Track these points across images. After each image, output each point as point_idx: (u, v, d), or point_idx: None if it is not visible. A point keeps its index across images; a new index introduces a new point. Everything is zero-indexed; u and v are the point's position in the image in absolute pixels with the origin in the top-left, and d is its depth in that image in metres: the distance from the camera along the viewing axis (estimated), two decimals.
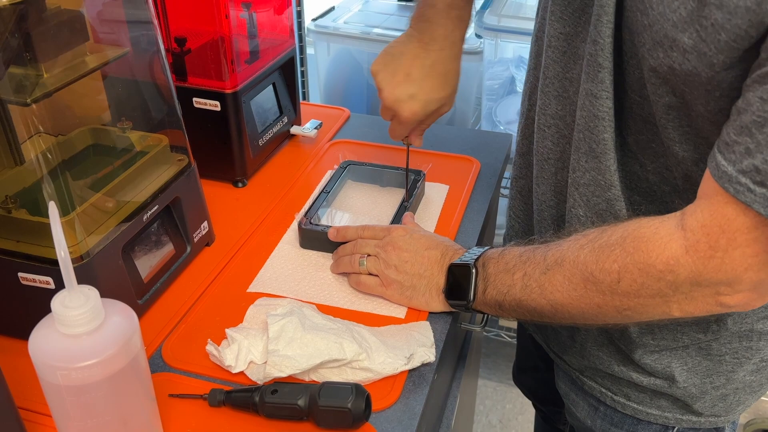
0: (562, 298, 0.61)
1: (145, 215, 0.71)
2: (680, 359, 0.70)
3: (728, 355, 0.69)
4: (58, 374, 0.48)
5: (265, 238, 0.85)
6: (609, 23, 0.58)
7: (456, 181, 0.97)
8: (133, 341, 0.52)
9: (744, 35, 0.47)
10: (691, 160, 0.59)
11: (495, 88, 1.58)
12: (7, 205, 0.64)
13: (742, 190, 0.49)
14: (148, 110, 0.78)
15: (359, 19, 1.66)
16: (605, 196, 0.65)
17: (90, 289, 0.50)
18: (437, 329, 0.71)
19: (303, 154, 1.05)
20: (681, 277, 0.54)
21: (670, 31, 0.51)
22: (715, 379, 0.71)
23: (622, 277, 0.57)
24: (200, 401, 0.62)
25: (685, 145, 0.58)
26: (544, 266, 0.62)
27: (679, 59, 0.52)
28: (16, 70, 0.60)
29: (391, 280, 0.72)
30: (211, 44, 0.88)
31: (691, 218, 0.53)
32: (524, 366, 1.11)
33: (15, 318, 0.66)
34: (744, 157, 0.48)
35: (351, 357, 0.63)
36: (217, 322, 0.71)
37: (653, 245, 0.55)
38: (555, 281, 0.61)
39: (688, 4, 0.50)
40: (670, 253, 0.54)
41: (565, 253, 0.61)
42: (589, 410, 0.80)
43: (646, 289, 0.56)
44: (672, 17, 0.51)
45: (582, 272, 0.59)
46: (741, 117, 0.48)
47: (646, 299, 0.57)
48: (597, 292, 0.59)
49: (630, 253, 0.56)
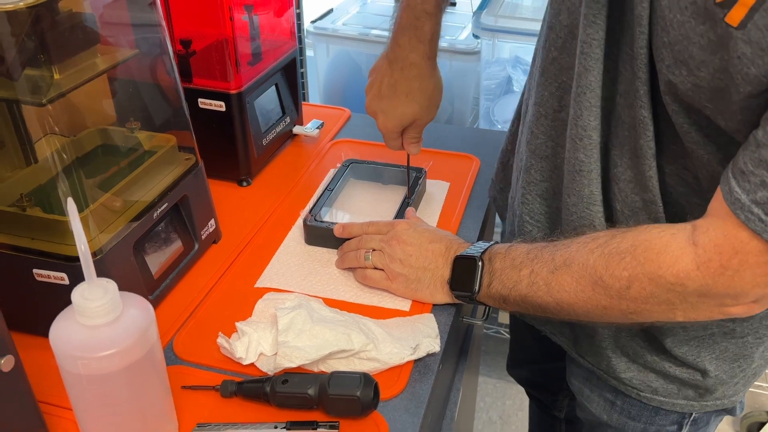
0: (569, 297, 0.63)
1: (155, 213, 0.73)
2: (708, 348, 0.71)
3: (750, 336, 0.71)
4: (79, 363, 0.50)
5: (271, 235, 0.87)
6: (643, 35, 0.57)
7: (456, 179, 0.99)
8: (149, 332, 0.53)
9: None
10: (716, 160, 0.59)
11: (492, 88, 1.60)
12: (21, 203, 0.66)
13: (753, 219, 0.50)
14: (156, 111, 0.80)
15: (357, 20, 1.68)
16: (642, 196, 0.66)
17: (108, 281, 0.51)
18: (441, 321, 0.72)
19: (306, 154, 1.06)
20: (690, 289, 0.56)
21: (697, 53, 0.51)
22: (742, 363, 0.72)
23: (632, 285, 0.58)
24: (212, 392, 0.64)
25: (709, 148, 0.59)
26: (552, 266, 0.64)
27: (708, 78, 0.52)
28: (30, 72, 0.61)
29: (396, 273, 0.73)
30: (215, 46, 0.90)
31: (704, 236, 0.55)
32: (519, 357, 1.12)
33: (30, 314, 0.68)
34: (759, 188, 0.49)
35: (359, 347, 0.65)
36: (227, 316, 0.73)
37: (665, 257, 0.57)
38: (563, 281, 0.63)
39: (716, 30, 0.49)
40: (681, 267, 0.56)
41: (574, 254, 0.63)
42: (605, 405, 0.81)
43: (654, 297, 0.58)
44: (698, 41, 0.51)
45: (591, 275, 0.61)
46: (760, 151, 0.49)
47: (653, 306, 0.59)
48: (605, 296, 0.60)
49: (641, 263, 0.58)
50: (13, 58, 0.58)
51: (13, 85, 0.59)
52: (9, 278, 0.68)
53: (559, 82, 0.72)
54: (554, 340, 0.85)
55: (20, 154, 0.70)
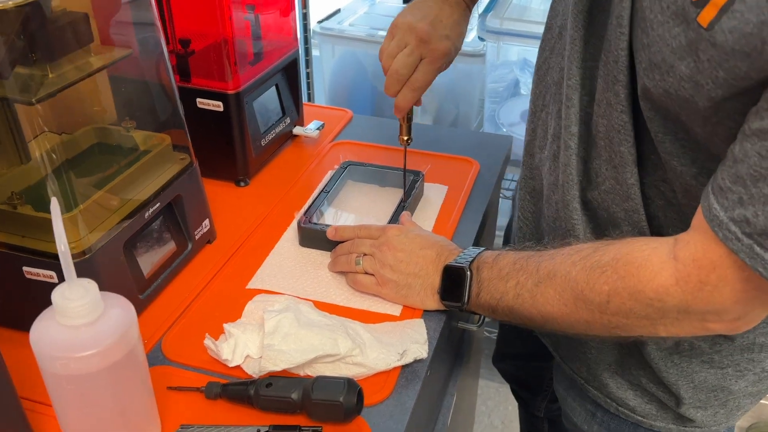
0: (553, 310, 0.62)
1: (147, 213, 0.73)
2: (686, 377, 0.70)
3: (731, 368, 0.70)
4: (58, 364, 0.50)
5: (266, 236, 0.87)
6: (623, 35, 0.57)
7: (455, 182, 0.98)
8: (130, 333, 0.53)
9: (744, 76, 0.46)
10: (690, 174, 0.59)
11: (499, 91, 1.59)
12: (12, 201, 0.66)
13: (731, 237, 0.49)
14: (151, 110, 0.80)
15: (365, 21, 1.67)
16: (623, 206, 0.65)
17: (89, 282, 0.51)
18: (431, 327, 0.72)
19: (305, 155, 1.06)
20: (669, 305, 0.55)
21: (669, 56, 0.51)
22: (719, 393, 0.71)
23: (612, 299, 0.58)
24: (197, 394, 0.64)
25: (683, 159, 0.58)
26: (536, 278, 0.63)
27: (675, 85, 0.51)
28: (22, 70, 0.62)
29: (386, 279, 0.73)
30: (214, 46, 0.90)
31: (684, 250, 0.54)
32: (505, 352, 1.12)
33: (19, 310, 0.68)
34: (736, 206, 0.48)
35: (345, 352, 0.64)
36: (217, 318, 0.73)
37: (644, 272, 0.56)
38: (546, 294, 0.62)
39: (688, 33, 0.48)
40: (660, 282, 0.55)
41: (558, 267, 0.62)
42: (586, 416, 0.81)
43: (634, 312, 0.57)
44: (672, 43, 0.50)
45: (573, 289, 0.60)
46: (737, 166, 0.48)
47: (634, 320, 0.58)
48: (586, 310, 0.60)
49: (621, 277, 0.57)
50: (2, 57, 0.58)
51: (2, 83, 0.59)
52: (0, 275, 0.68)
53: (545, 82, 0.72)
54: (542, 340, 0.85)
55: (15, 152, 0.71)
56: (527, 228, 0.86)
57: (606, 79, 0.61)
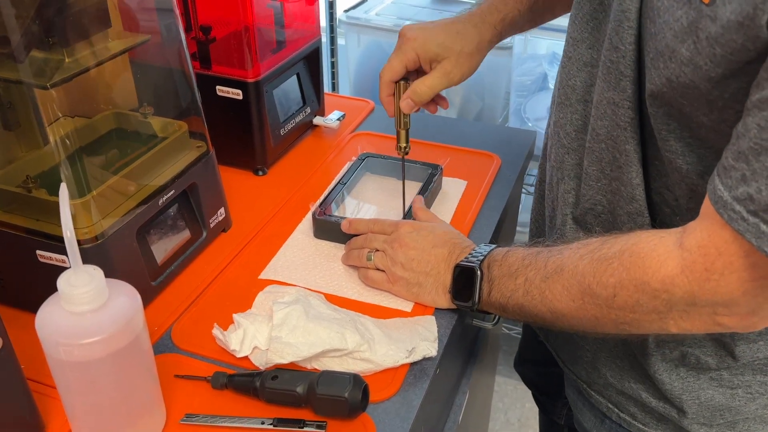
0: (562, 306, 0.60)
1: (161, 199, 0.73)
2: (692, 392, 0.68)
3: (741, 389, 0.68)
4: (62, 350, 0.50)
5: (281, 227, 0.86)
6: (631, 29, 0.56)
7: (474, 177, 0.96)
8: (135, 320, 0.53)
9: (741, 49, 0.46)
10: (696, 172, 0.57)
11: (527, 84, 1.57)
12: (27, 184, 0.66)
13: (735, 218, 0.47)
14: (169, 97, 0.80)
15: (392, 11, 1.66)
16: (627, 208, 0.64)
17: (95, 269, 0.51)
18: (442, 324, 0.71)
19: (324, 145, 1.05)
20: (676, 296, 0.53)
21: (671, 41, 0.50)
22: (725, 413, 0.69)
23: (618, 293, 0.56)
24: (204, 383, 0.64)
25: (689, 157, 0.57)
26: (544, 273, 0.62)
27: (677, 71, 0.50)
28: (38, 54, 0.62)
29: (397, 277, 0.72)
30: (235, 33, 0.89)
31: (690, 237, 0.52)
32: (526, 356, 1.10)
33: (31, 293, 0.68)
34: (740, 183, 0.47)
35: (352, 347, 0.63)
36: (227, 307, 0.73)
37: (650, 262, 0.54)
38: (554, 290, 0.61)
39: (690, 14, 0.48)
40: (666, 272, 0.53)
41: (566, 261, 0.60)
42: (595, 421, 0.79)
43: (641, 305, 0.55)
44: (674, 26, 0.50)
45: (580, 283, 0.58)
46: (739, 142, 0.47)
47: (642, 315, 0.56)
48: (594, 305, 0.58)
49: (627, 269, 0.55)
50: (19, 41, 0.58)
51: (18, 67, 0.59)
52: (14, 258, 0.69)
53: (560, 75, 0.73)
54: (546, 345, 0.84)
55: (34, 135, 0.71)
56: (536, 229, 0.85)
57: (608, 78, 0.60)
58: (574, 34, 0.66)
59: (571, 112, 0.68)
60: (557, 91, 0.71)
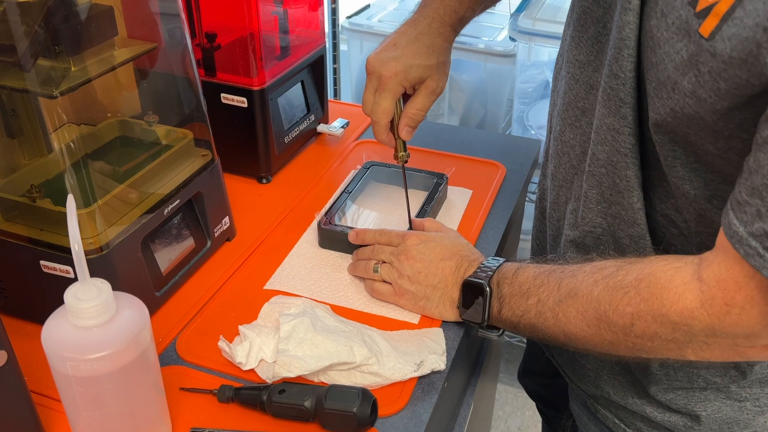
0: (576, 330, 0.60)
1: (166, 209, 0.72)
2: (698, 403, 0.68)
3: (749, 402, 0.67)
4: (68, 365, 0.49)
5: (286, 236, 0.86)
6: (631, 57, 0.56)
7: (480, 186, 0.96)
8: (143, 335, 0.52)
9: (745, 84, 0.45)
10: (704, 197, 0.56)
11: (529, 92, 1.56)
12: (32, 194, 0.65)
13: (752, 254, 0.47)
14: (174, 105, 0.79)
15: (394, 17, 1.65)
16: (628, 232, 0.63)
17: (102, 282, 0.50)
18: (450, 337, 0.70)
19: (328, 153, 1.05)
20: (696, 329, 0.52)
21: (672, 73, 0.50)
22: (734, 427, 0.69)
23: (635, 322, 0.55)
24: (209, 396, 0.63)
25: (696, 183, 0.56)
26: (558, 296, 0.61)
27: (680, 102, 0.50)
28: (44, 63, 0.61)
29: (404, 290, 0.71)
30: (240, 40, 0.89)
31: (708, 270, 0.51)
32: (530, 368, 1.10)
33: (35, 303, 0.68)
34: (755, 219, 0.46)
35: (360, 361, 0.63)
36: (233, 318, 0.72)
37: (668, 294, 0.53)
38: (568, 313, 0.60)
39: (690, 47, 0.48)
40: (685, 305, 0.52)
41: (579, 285, 0.59)
42: None
43: (660, 336, 0.55)
44: (675, 58, 0.49)
45: (595, 309, 0.58)
46: (752, 178, 0.46)
47: (660, 343, 0.55)
48: (610, 332, 0.57)
49: (645, 299, 0.54)
50: (25, 50, 0.57)
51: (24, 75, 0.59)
52: (18, 267, 0.68)
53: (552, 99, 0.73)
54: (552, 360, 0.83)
55: (36, 144, 0.70)
56: (537, 247, 0.85)
57: (608, 104, 0.60)
58: (579, 56, 0.66)
59: (580, 134, 0.68)
60: (565, 112, 0.70)
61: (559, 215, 0.75)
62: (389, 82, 0.76)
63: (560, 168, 0.73)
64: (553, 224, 0.77)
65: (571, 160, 0.70)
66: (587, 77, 0.65)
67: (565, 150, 0.71)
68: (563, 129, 0.71)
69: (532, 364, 1.08)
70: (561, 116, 0.71)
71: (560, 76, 0.74)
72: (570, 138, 0.70)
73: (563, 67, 0.71)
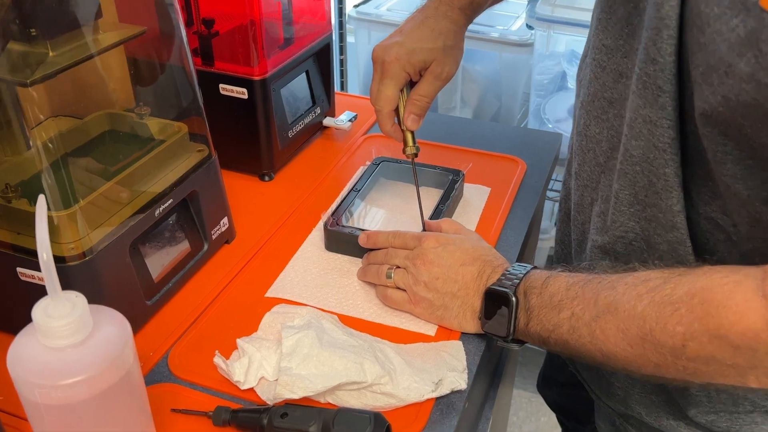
0: (616, 349, 0.53)
1: (158, 210, 0.66)
2: (746, 426, 0.61)
3: None
4: (37, 392, 0.43)
5: (289, 238, 0.79)
6: (671, 38, 0.49)
7: (499, 184, 0.89)
8: (125, 355, 0.46)
9: None
10: (760, 199, 0.49)
11: (544, 84, 1.49)
12: (7, 194, 0.59)
13: None
14: (167, 96, 0.73)
15: (402, 6, 1.58)
16: (666, 237, 0.57)
17: (77, 295, 0.44)
18: (470, 350, 0.63)
19: (335, 148, 0.98)
20: (761, 352, 0.45)
21: (726, 54, 0.43)
22: None
23: (688, 343, 0.48)
24: (204, 419, 0.57)
25: (750, 182, 0.49)
26: (594, 310, 0.54)
27: (735, 88, 0.44)
28: (17, 47, 0.54)
29: (420, 297, 0.64)
30: (240, 27, 0.82)
31: None
32: (550, 377, 1.03)
33: (13, 314, 0.61)
34: None
35: (372, 380, 0.56)
36: (231, 329, 0.65)
37: (727, 312, 0.46)
38: (607, 330, 0.53)
39: (748, 23, 0.41)
40: (748, 325, 0.45)
41: (620, 299, 0.52)
42: None
43: (717, 360, 0.47)
44: (729, 37, 0.43)
45: (640, 327, 0.50)
46: None
47: (716, 368, 0.48)
48: (657, 353, 0.50)
49: (699, 318, 0.47)
50: None
51: None
52: None
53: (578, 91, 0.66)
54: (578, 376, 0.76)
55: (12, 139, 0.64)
56: (561, 252, 0.78)
57: (644, 94, 0.53)
58: (607, 41, 0.59)
59: (607, 128, 0.61)
60: (590, 104, 0.64)
61: (584, 218, 0.69)
62: (391, 67, 0.73)
63: (585, 166, 0.66)
64: (578, 228, 0.70)
65: (597, 157, 0.64)
66: (616, 64, 0.59)
67: (590, 146, 0.65)
68: (588, 123, 0.64)
69: (554, 372, 1.01)
70: (585, 108, 0.65)
71: (585, 65, 0.67)
72: (596, 133, 0.63)
73: (588, 54, 0.64)
